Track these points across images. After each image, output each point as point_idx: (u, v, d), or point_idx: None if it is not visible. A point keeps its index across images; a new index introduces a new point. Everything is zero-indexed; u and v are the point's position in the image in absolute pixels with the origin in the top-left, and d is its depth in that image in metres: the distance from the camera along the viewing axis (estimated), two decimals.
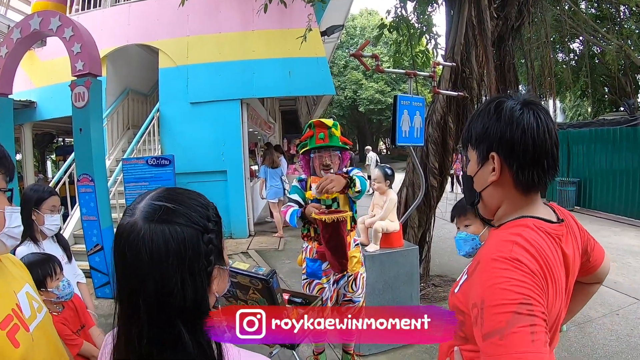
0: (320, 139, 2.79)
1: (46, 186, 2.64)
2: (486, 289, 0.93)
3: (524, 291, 0.89)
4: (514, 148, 1.02)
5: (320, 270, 2.87)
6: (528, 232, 1.00)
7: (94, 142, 4.98)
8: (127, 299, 0.76)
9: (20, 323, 1.07)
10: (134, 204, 0.80)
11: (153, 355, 0.75)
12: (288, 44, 7.05)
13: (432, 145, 4.64)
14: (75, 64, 4.95)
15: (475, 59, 4.66)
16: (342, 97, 28.21)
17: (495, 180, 1.07)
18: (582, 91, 13.12)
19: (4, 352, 0.99)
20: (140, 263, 0.73)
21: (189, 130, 7.43)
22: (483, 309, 0.91)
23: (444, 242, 7.06)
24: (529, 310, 0.87)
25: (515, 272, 0.91)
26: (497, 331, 0.86)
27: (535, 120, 1.02)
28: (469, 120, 1.16)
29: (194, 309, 0.77)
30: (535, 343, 0.84)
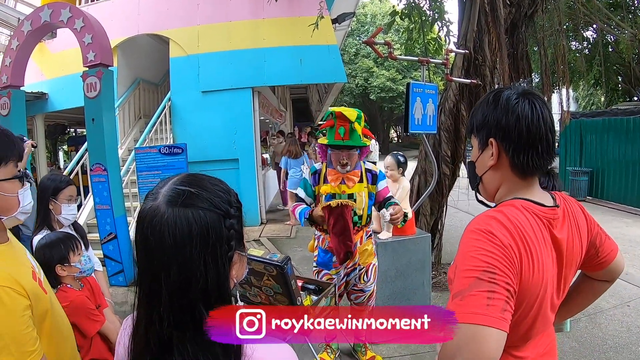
0: (339, 134, 2.66)
1: (63, 176, 2.67)
2: (460, 256, 1.03)
3: (489, 260, 0.97)
4: (510, 133, 1.10)
5: (330, 262, 2.89)
6: (510, 210, 1.07)
7: (107, 132, 5.02)
8: (148, 283, 0.76)
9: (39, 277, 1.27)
10: (156, 189, 0.81)
11: (173, 339, 0.75)
12: (299, 31, 7.02)
13: (444, 133, 4.61)
14: (87, 55, 4.97)
15: (488, 46, 4.60)
16: (353, 85, 28.02)
17: (494, 164, 1.15)
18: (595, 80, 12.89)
19: (41, 298, 1.20)
20: (164, 247, 0.74)
21: (201, 119, 7.46)
22: (456, 272, 1.02)
23: (456, 230, 7.05)
24: (490, 278, 0.95)
25: (485, 242, 1.00)
26: (460, 292, 0.96)
27: (531, 108, 1.09)
28: (472, 110, 1.25)
29: (215, 293, 0.77)
30: (489, 308, 0.92)
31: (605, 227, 1.33)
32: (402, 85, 25.94)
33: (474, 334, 0.91)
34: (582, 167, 10.38)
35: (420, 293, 3.68)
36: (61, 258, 1.95)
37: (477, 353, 0.90)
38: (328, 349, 3.32)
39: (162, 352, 0.75)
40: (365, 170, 2.84)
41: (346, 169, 2.73)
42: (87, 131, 5.17)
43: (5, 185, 1.15)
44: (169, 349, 0.75)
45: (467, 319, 0.91)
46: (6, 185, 1.15)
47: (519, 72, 5.16)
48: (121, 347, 0.90)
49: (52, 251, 1.94)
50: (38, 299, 1.18)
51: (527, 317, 1.08)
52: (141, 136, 7.24)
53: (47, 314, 1.24)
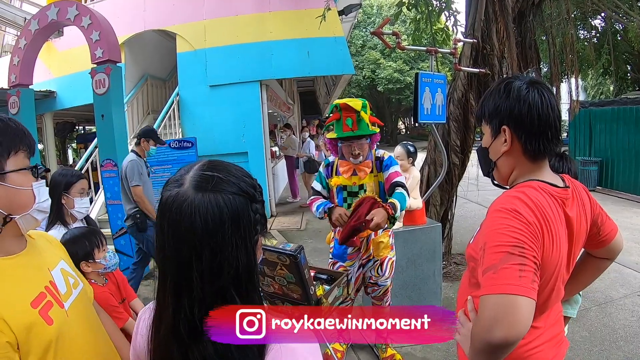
0: (347, 125, 2.62)
1: (74, 170, 2.70)
2: (488, 234, 1.10)
3: (517, 236, 1.05)
4: (522, 121, 1.18)
5: (345, 254, 2.88)
6: (530, 191, 1.15)
7: (116, 128, 5.06)
8: (176, 270, 0.76)
9: (54, 300, 1.09)
10: (179, 175, 0.80)
11: (204, 325, 0.75)
12: (305, 24, 7.01)
13: (453, 122, 4.60)
14: (95, 52, 5.01)
15: (495, 35, 4.57)
16: (361, 77, 27.86)
17: (507, 150, 1.23)
18: (604, 69, 12.74)
19: (38, 331, 1.00)
20: (195, 232, 0.73)
21: (209, 113, 7.48)
22: (485, 249, 1.08)
23: (466, 220, 7.05)
24: (521, 252, 1.04)
25: (512, 220, 1.08)
26: (492, 266, 1.04)
27: (540, 97, 1.17)
28: (482, 99, 1.32)
29: (246, 277, 0.78)
30: (521, 279, 1.01)
31: (615, 217, 1.39)
32: (410, 76, 25.80)
33: (510, 303, 0.99)
34: (592, 157, 10.30)
35: (432, 283, 3.69)
36: (86, 254, 1.93)
37: (514, 321, 0.97)
38: (340, 339, 3.34)
39: (191, 338, 0.76)
40: (375, 158, 2.81)
41: (359, 159, 2.69)
42: (96, 127, 5.22)
43: (15, 177, 1.02)
44: (198, 335, 0.75)
45: (502, 290, 1.00)
46: (16, 177, 1.03)
47: (527, 61, 5.13)
48: (139, 337, 0.91)
49: (76, 247, 1.90)
50: (31, 332, 0.98)
51: (545, 289, 1.16)
52: None
53: (50, 349, 1.03)
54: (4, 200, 1.00)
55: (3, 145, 1.00)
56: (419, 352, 3.32)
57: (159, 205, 0.79)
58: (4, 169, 1.00)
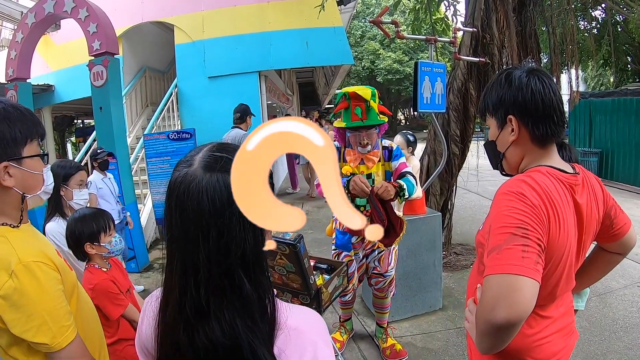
0: (357, 115, 2.56)
1: (73, 162, 2.69)
2: (494, 216, 1.12)
3: (522, 218, 1.06)
4: (527, 107, 1.20)
5: (349, 243, 2.86)
6: (537, 175, 1.15)
7: (115, 120, 5.05)
8: (183, 250, 0.76)
9: None
10: (189, 156, 0.80)
11: (210, 305, 0.75)
12: (304, 14, 6.98)
13: (453, 112, 4.58)
14: (92, 44, 4.99)
15: (496, 24, 4.55)
16: (360, 67, 27.74)
17: (515, 139, 1.24)
18: (604, 60, 12.67)
19: (68, 273, 1.24)
20: (202, 211, 0.73)
21: (208, 105, 7.46)
22: (490, 232, 1.10)
23: (465, 211, 7.06)
24: (524, 234, 1.04)
25: (517, 202, 1.09)
26: (496, 247, 1.05)
27: (541, 83, 1.20)
28: (483, 93, 1.34)
29: (253, 259, 0.77)
30: (524, 260, 1.01)
31: None
32: (409, 67, 25.73)
33: (512, 283, 0.99)
34: (592, 148, 10.29)
35: (432, 272, 3.69)
36: (91, 235, 1.92)
37: (515, 301, 0.97)
38: (342, 329, 3.34)
39: (197, 318, 0.75)
40: (382, 147, 2.77)
41: (367, 149, 2.65)
42: (95, 120, 5.20)
43: (30, 163, 1.17)
44: (204, 316, 0.75)
45: (504, 270, 1.00)
46: (31, 162, 1.18)
47: (528, 51, 5.09)
48: (145, 324, 0.90)
49: (82, 226, 1.91)
50: (66, 274, 1.21)
51: (553, 275, 1.17)
52: (149, 124, 7.26)
53: (75, 289, 1.27)
54: (20, 182, 1.16)
55: (22, 133, 1.14)
56: (419, 342, 3.33)
57: (168, 185, 0.80)
58: (21, 154, 1.15)
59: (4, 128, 1.11)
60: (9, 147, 1.12)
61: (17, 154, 1.14)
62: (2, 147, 1.10)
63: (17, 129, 1.13)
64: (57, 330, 1.09)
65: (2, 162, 1.11)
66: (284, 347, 0.77)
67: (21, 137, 1.14)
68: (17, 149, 1.13)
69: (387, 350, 3.12)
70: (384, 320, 3.20)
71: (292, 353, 0.77)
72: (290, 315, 0.81)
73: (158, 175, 5.15)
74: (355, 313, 3.73)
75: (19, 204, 1.19)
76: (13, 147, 1.12)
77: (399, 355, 3.08)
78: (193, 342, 0.75)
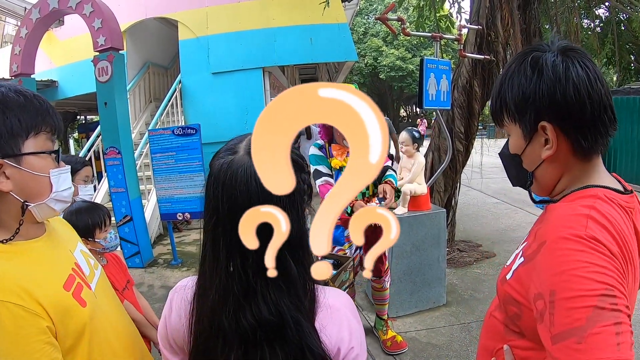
0: None
1: (78, 157, 2.70)
2: (557, 276, 0.75)
3: (606, 279, 0.72)
4: (570, 111, 0.84)
5: (342, 236, 2.87)
6: (601, 205, 0.82)
7: (120, 115, 5.06)
8: (230, 234, 0.77)
9: (83, 282, 1.02)
10: (232, 144, 0.83)
11: (258, 286, 0.77)
12: (308, 10, 6.99)
13: (457, 109, 4.60)
14: (97, 39, 5.00)
15: (500, 22, 4.55)
16: (363, 64, 27.70)
17: (552, 154, 0.88)
18: (607, 59, 12.66)
19: (73, 313, 0.94)
20: (251, 195, 0.76)
21: (212, 101, 7.47)
22: (553, 301, 0.74)
23: (468, 208, 7.08)
24: (613, 305, 0.70)
25: (593, 254, 0.74)
26: (573, 331, 0.70)
27: (584, 70, 0.84)
28: (498, 85, 0.96)
29: (297, 242, 0.80)
30: (621, 347, 0.68)
31: None
32: (412, 64, 25.66)
33: None
34: None
35: (436, 268, 3.70)
36: (85, 230, 1.84)
37: None
38: None
39: (246, 299, 0.78)
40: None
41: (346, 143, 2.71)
42: (100, 115, 5.22)
43: (32, 161, 0.91)
44: (252, 296, 0.78)
45: None
46: (34, 160, 0.92)
47: None
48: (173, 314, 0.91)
49: (77, 220, 1.83)
50: (66, 316, 0.92)
51: None
52: (153, 120, 7.28)
53: (85, 332, 0.97)
54: (19, 185, 0.90)
55: (22, 124, 0.89)
56: (423, 337, 3.35)
57: (210, 174, 0.81)
58: (20, 150, 0.89)
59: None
60: (3, 140, 0.87)
61: (14, 150, 0.89)
62: None
63: (15, 117, 0.88)
64: None
65: None
66: (325, 323, 0.82)
67: (21, 128, 0.89)
68: (14, 144, 0.89)
69: (388, 342, 3.15)
70: (383, 311, 3.24)
71: (332, 328, 0.82)
72: (327, 294, 0.86)
73: (163, 171, 5.17)
74: (360, 308, 3.75)
75: (17, 213, 0.92)
76: (9, 141, 0.88)
77: (399, 347, 3.12)
78: (240, 322, 0.78)
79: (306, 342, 0.78)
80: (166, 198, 5.22)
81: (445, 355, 3.11)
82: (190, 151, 4.99)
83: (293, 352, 0.78)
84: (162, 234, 6.51)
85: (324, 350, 0.80)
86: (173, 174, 5.14)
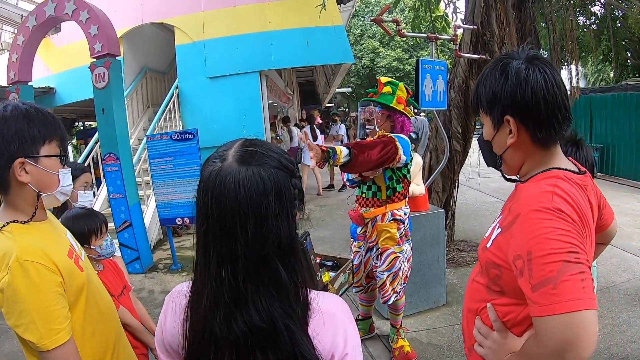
0: (372, 93, 2.79)
1: (77, 164, 2.71)
2: (531, 240, 0.94)
3: (570, 240, 0.92)
4: (528, 108, 1.05)
5: (355, 233, 2.92)
6: (562, 183, 1.02)
7: (117, 121, 5.07)
8: (220, 241, 0.78)
9: (77, 255, 1.33)
10: (221, 151, 0.84)
11: (248, 293, 0.78)
12: (304, 13, 6.98)
13: (454, 109, 4.61)
14: (94, 46, 5.02)
15: (495, 21, 4.56)
16: (360, 66, 27.63)
17: (514, 142, 1.10)
18: (604, 55, 12.69)
19: (76, 275, 1.25)
20: (240, 203, 0.76)
21: (209, 105, 7.47)
22: (531, 259, 0.93)
23: (467, 207, 7.09)
24: (577, 259, 0.90)
25: (559, 221, 0.94)
26: (548, 280, 0.89)
27: (542, 76, 1.04)
28: (476, 84, 1.18)
29: (288, 247, 0.81)
30: (585, 290, 0.88)
31: (616, 202, 1.38)
32: (409, 64, 25.65)
33: (580, 322, 0.86)
34: (592, 144, 10.31)
35: (435, 268, 3.71)
36: (81, 236, 1.85)
37: (587, 341, 0.87)
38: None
39: (236, 306, 0.79)
40: None
41: (370, 128, 2.76)
42: (97, 122, 5.23)
43: (46, 162, 1.22)
44: (242, 303, 0.78)
45: (568, 307, 0.87)
46: (47, 161, 1.22)
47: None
48: (169, 319, 0.92)
49: (73, 226, 1.84)
50: (72, 276, 1.22)
51: None
52: (150, 125, 7.28)
53: (83, 291, 1.28)
54: (36, 179, 1.20)
55: (41, 133, 1.20)
56: (424, 337, 3.36)
57: (200, 180, 0.82)
58: (39, 153, 1.20)
59: (24, 126, 1.17)
60: (27, 144, 1.18)
61: (34, 152, 1.19)
62: (20, 143, 1.16)
63: (36, 128, 1.19)
64: (46, 332, 1.10)
65: (19, 157, 1.16)
66: (319, 329, 0.82)
67: (39, 136, 1.20)
68: (34, 148, 1.19)
69: (396, 352, 3.09)
70: (396, 321, 3.15)
71: (326, 334, 0.82)
72: (321, 300, 0.86)
73: (161, 176, 5.17)
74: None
75: (33, 201, 1.23)
76: (31, 145, 1.18)
77: (406, 358, 3.02)
78: (231, 329, 0.78)
79: (299, 349, 0.79)
80: (165, 203, 5.22)
81: (447, 355, 3.12)
82: (189, 156, 4.99)
83: (285, 358, 0.79)
84: (162, 239, 6.51)
85: (316, 356, 0.80)
86: (172, 179, 5.15)
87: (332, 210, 7.72)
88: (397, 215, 2.81)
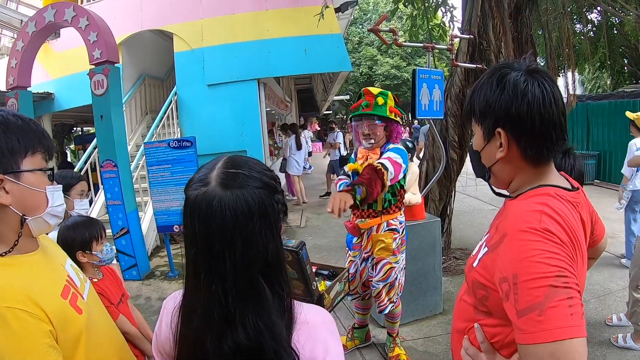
0: (364, 107, 2.70)
1: (73, 172, 2.72)
2: (518, 262, 0.90)
3: (558, 263, 0.87)
4: (521, 123, 0.99)
5: (351, 243, 2.93)
6: (553, 201, 0.97)
7: (116, 128, 5.08)
8: (209, 263, 0.80)
9: (77, 292, 1.11)
10: (203, 174, 0.85)
11: (237, 312, 0.80)
12: (302, 21, 7.01)
13: (451, 118, 4.63)
14: (93, 53, 5.03)
15: (492, 30, 4.60)
16: (358, 73, 27.67)
17: (504, 156, 1.05)
18: (600, 63, 12.78)
19: (72, 320, 1.03)
20: (226, 227, 0.78)
21: (207, 112, 7.47)
22: (516, 283, 0.88)
23: (464, 215, 7.09)
24: (565, 283, 0.85)
25: (547, 243, 0.89)
26: (534, 306, 0.85)
27: (541, 90, 0.98)
28: (471, 91, 1.12)
29: (275, 263, 0.84)
30: (573, 317, 0.83)
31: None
32: (407, 72, 25.70)
33: (567, 351, 0.82)
34: (589, 151, 10.34)
35: (432, 277, 3.72)
36: (83, 243, 1.90)
37: None
38: (349, 334, 3.33)
39: (226, 325, 0.81)
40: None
41: (369, 141, 2.72)
42: (96, 128, 5.23)
43: (29, 177, 1.00)
44: (232, 322, 0.81)
45: (554, 336, 0.82)
46: (31, 177, 1.01)
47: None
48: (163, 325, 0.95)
49: (74, 233, 1.89)
50: (66, 323, 1.00)
51: None
52: (149, 132, 7.29)
53: (81, 338, 1.06)
54: (18, 200, 0.98)
55: (21, 144, 0.99)
56: (420, 346, 3.36)
57: (186, 204, 0.84)
58: (19, 167, 0.98)
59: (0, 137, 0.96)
60: (5, 157, 0.96)
61: (14, 167, 0.98)
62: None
63: (15, 138, 0.98)
64: None
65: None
66: (303, 340, 0.84)
67: (20, 147, 0.99)
68: (14, 161, 0.98)
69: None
70: (392, 329, 3.17)
71: (305, 345, 0.84)
72: (304, 311, 0.88)
73: (159, 183, 5.18)
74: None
75: (17, 227, 1.00)
76: (10, 159, 0.97)
77: None
78: (222, 347, 0.80)
79: None
80: (162, 210, 5.23)
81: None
82: (186, 164, 5.01)
83: None
84: (159, 245, 6.50)
85: None
86: (169, 186, 5.15)
87: (329, 218, 7.71)
88: (392, 225, 2.83)
